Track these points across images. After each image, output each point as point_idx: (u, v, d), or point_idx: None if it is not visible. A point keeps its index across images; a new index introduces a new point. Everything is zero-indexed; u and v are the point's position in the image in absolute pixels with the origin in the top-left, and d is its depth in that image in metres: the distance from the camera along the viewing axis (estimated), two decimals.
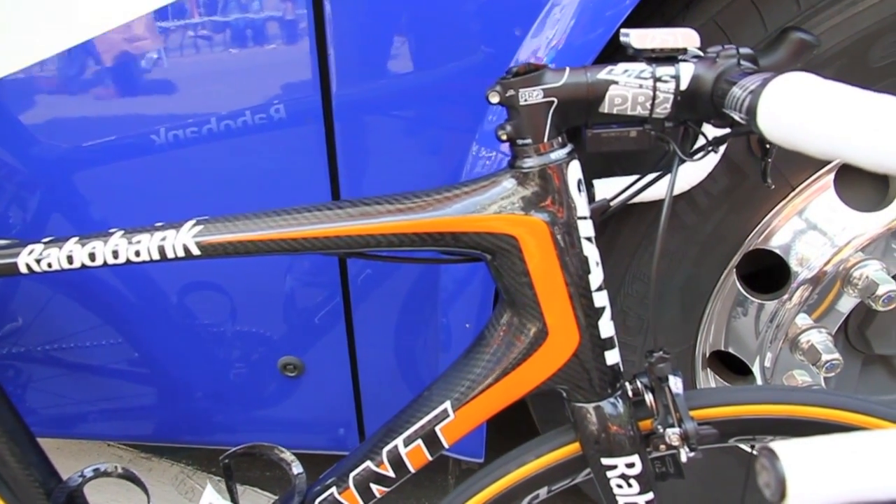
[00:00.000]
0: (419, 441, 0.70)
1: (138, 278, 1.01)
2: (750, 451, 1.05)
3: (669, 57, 0.57)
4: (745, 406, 0.70)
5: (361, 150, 0.90)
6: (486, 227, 0.61)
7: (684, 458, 0.66)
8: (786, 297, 1.00)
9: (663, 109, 0.58)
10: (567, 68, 0.58)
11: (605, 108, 0.58)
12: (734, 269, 1.02)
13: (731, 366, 1.14)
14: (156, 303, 1.02)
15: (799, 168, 0.94)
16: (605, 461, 0.68)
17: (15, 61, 0.87)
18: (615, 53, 0.66)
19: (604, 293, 0.64)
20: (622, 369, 0.67)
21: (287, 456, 0.81)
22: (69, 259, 0.67)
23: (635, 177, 0.72)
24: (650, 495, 0.69)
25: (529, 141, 0.59)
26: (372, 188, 0.92)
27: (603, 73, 0.57)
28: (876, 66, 0.86)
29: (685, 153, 0.61)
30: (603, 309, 0.64)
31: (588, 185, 0.85)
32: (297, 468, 0.80)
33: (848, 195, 0.97)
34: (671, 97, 0.57)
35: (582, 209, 0.61)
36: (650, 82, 0.57)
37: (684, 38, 0.57)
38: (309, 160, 0.91)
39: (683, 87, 0.57)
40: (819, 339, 1.01)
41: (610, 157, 0.89)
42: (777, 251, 0.99)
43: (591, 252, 0.62)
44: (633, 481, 0.68)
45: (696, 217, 0.95)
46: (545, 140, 0.59)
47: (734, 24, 0.85)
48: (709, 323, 1.06)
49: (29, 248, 0.68)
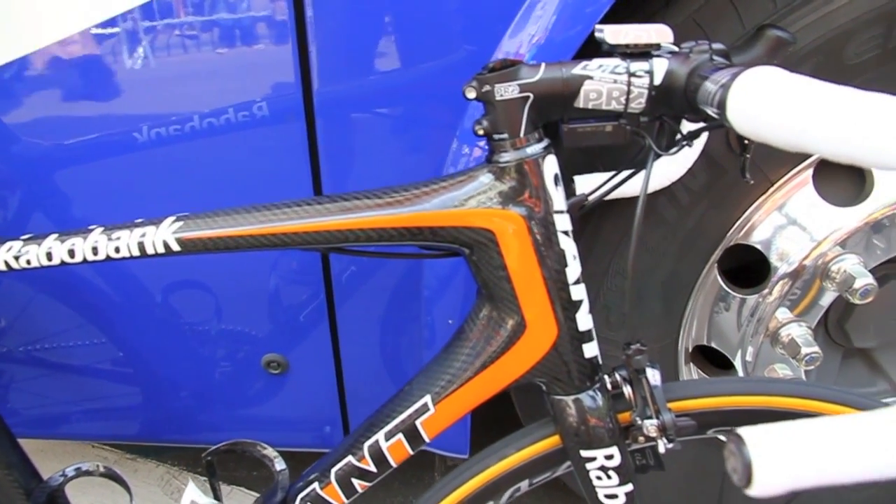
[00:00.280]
0: (400, 435, 0.70)
1: (121, 277, 1.01)
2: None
3: (644, 52, 0.58)
4: (722, 397, 0.71)
5: (343, 147, 0.90)
6: (463, 222, 0.61)
7: (662, 450, 0.67)
8: (766, 291, 1.02)
9: (638, 104, 0.59)
10: (543, 64, 0.58)
11: (581, 103, 0.59)
12: (715, 265, 1.03)
13: (713, 360, 1.15)
14: (138, 301, 1.02)
15: (777, 164, 0.95)
16: (585, 453, 0.68)
17: None
18: (596, 51, 0.67)
19: (581, 286, 0.65)
20: (600, 362, 0.68)
21: (270, 452, 0.81)
22: (48, 256, 0.67)
23: (614, 172, 0.73)
24: (630, 487, 0.70)
25: (506, 136, 0.59)
26: (354, 185, 0.92)
27: (578, 69, 0.58)
28: (851, 63, 0.87)
29: (661, 148, 0.62)
30: (581, 302, 0.65)
31: (569, 181, 0.87)
32: (279, 464, 0.80)
33: (826, 190, 0.98)
34: (646, 92, 0.58)
35: (558, 203, 0.62)
36: (625, 77, 0.57)
37: (657, 33, 0.58)
38: (291, 158, 0.91)
39: (657, 82, 0.57)
40: (799, 332, 1.02)
41: (590, 153, 0.90)
42: (757, 246, 1.00)
43: (568, 246, 0.63)
44: (612, 473, 0.69)
45: (677, 212, 0.96)
46: (521, 135, 0.59)
47: (712, 21, 0.86)
48: (691, 318, 1.07)
49: (7, 245, 0.68)
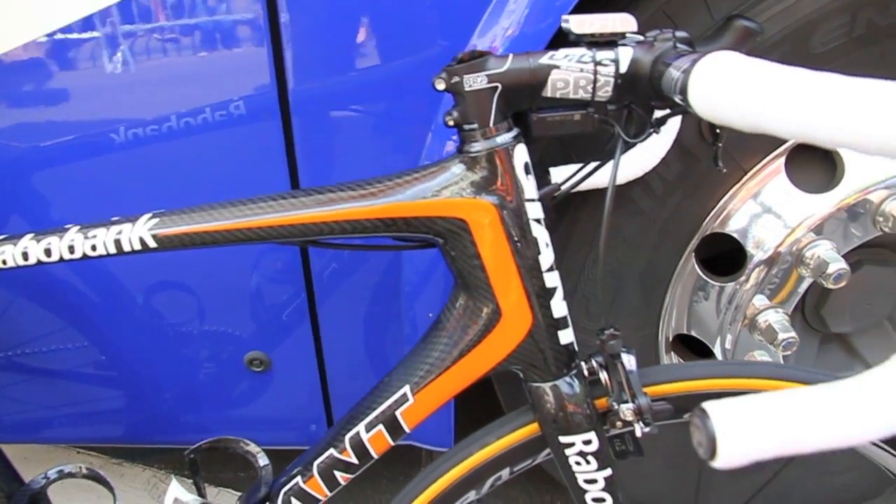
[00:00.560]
0: (380, 426, 0.71)
1: (101, 278, 1.01)
2: None
3: (609, 42, 0.59)
4: (697, 381, 0.72)
5: (319, 145, 0.91)
6: (436, 212, 0.62)
7: (639, 433, 0.68)
8: (742, 279, 1.03)
9: (605, 93, 0.60)
10: (510, 55, 0.59)
11: (549, 92, 0.60)
12: (693, 254, 1.04)
13: (694, 349, 1.16)
14: (119, 303, 1.02)
15: (750, 152, 0.97)
16: (563, 439, 0.69)
17: None
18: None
19: (555, 274, 0.65)
20: (576, 349, 0.69)
21: (253, 448, 0.81)
22: (24, 255, 0.67)
23: (593, 166, 0.74)
24: (608, 471, 0.71)
25: (476, 126, 0.60)
26: (331, 181, 0.92)
27: (545, 59, 0.59)
28: (817, 53, 0.89)
29: (630, 136, 0.63)
30: (555, 289, 0.66)
31: (544, 172, 0.88)
32: (262, 460, 0.80)
33: (798, 178, 1.00)
34: (612, 80, 0.59)
35: (530, 192, 0.63)
36: (591, 66, 0.58)
37: (622, 22, 0.59)
38: (268, 157, 0.91)
39: (623, 70, 0.58)
40: (776, 318, 1.04)
41: (566, 144, 0.91)
42: (733, 234, 1.02)
43: (540, 233, 0.64)
44: (591, 458, 0.70)
45: (653, 202, 0.97)
46: (491, 125, 0.60)
47: (681, 13, 0.88)
48: (670, 307, 1.09)
49: None
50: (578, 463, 0.70)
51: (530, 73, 0.59)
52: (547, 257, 0.65)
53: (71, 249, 0.67)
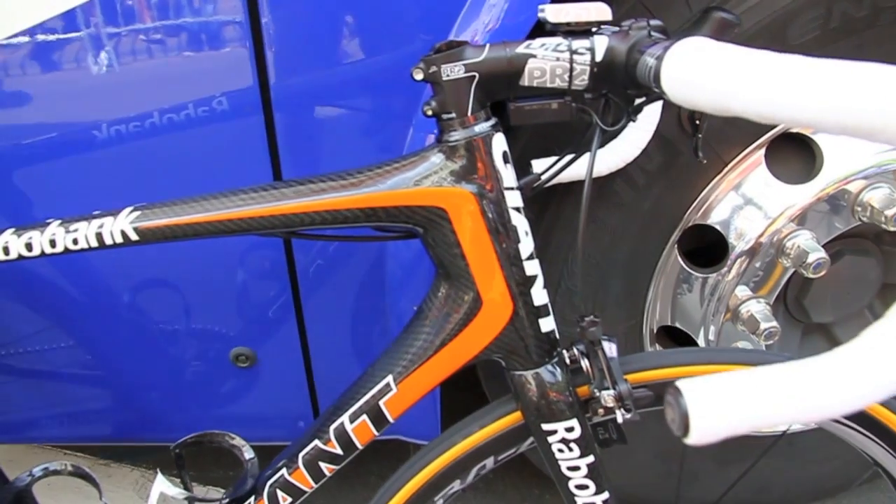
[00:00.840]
0: (364, 416, 0.71)
1: (85, 277, 1.01)
2: None
3: (585, 31, 0.60)
4: (677, 368, 0.72)
5: (302, 140, 0.91)
6: (415, 201, 0.63)
7: (620, 420, 0.68)
8: (725, 269, 1.04)
9: (581, 81, 0.60)
10: (487, 44, 0.60)
11: (526, 81, 0.60)
12: (675, 245, 1.05)
13: (679, 340, 1.17)
14: (103, 301, 1.02)
15: (730, 144, 0.98)
16: (546, 427, 0.70)
17: None
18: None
19: (535, 262, 0.66)
20: (558, 337, 0.70)
21: (238, 442, 0.81)
22: (5, 250, 0.67)
23: (572, 155, 0.74)
24: (591, 458, 0.71)
25: (454, 115, 0.61)
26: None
27: (521, 48, 0.59)
28: (794, 44, 0.90)
29: (608, 124, 0.64)
30: (535, 277, 0.66)
31: (527, 165, 0.88)
32: (248, 453, 0.81)
33: (778, 169, 1.01)
34: (588, 69, 0.59)
35: (509, 180, 0.63)
36: (567, 55, 0.59)
37: (597, 11, 0.59)
38: (251, 152, 0.91)
39: (599, 58, 0.59)
40: (758, 308, 1.05)
41: (547, 137, 0.91)
42: (715, 225, 1.03)
43: (520, 222, 0.64)
44: (573, 445, 0.70)
45: (635, 194, 0.98)
46: (469, 114, 0.61)
47: (660, 5, 0.89)
48: (654, 299, 1.10)
49: None
50: (561, 450, 0.71)
51: (507, 62, 0.59)
52: (527, 245, 0.65)
53: (52, 243, 0.67)
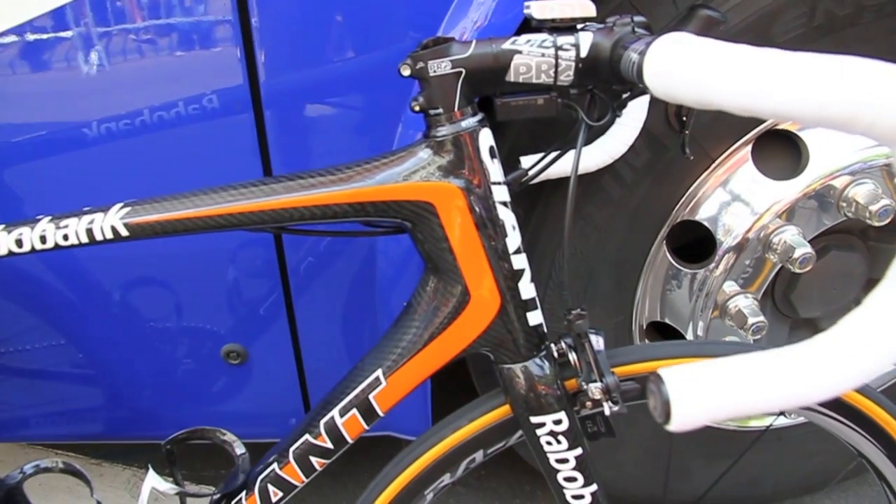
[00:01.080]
0: (354, 410, 0.72)
1: (76, 275, 1.01)
2: None
3: (570, 27, 0.61)
4: (664, 361, 0.73)
5: (292, 138, 0.91)
6: (403, 195, 0.63)
7: (608, 412, 0.69)
8: (713, 265, 1.05)
9: (567, 77, 0.61)
10: (474, 41, 0.61)
11: (512, 76, 0.61)
12: (664, 241, 1.06)
13: (668, 336, 1.18)
14: (94, 299, 1.02)
15: (717, 140, 0.99)
16: (534, 419, 0.70)
17: None
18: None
19: (522, 256, 0.67)
20: (546, 330, 0.70)
21: (229, 437, 0.82)
22: None
23: (554, 147, 0.75)
24: (579, 450, 0.72)
25: (441, 110, 0.62)
26: None
27: (507, 44, 0.60)
28: (778, 42, 0.91)
29: (593, 120, 0.65)
30: (522, 271, 0.67)
31: (515, 161, 0.89)
32: (239, 448, 0.81)
33: (765, 165, 1.02)
34: (573, 64, 0.60)
35: (496, 175, 0.64)
36: (552, 51, 0.60)
37: (581, 8, 0.60)
38: (241, 150, 0.92)
39: (584, 54, 0.60)
40: (745, 303, 1.06)
41: (536, 134, 0.92)
42: (702, 221, 1.04)
43: (507, 216, 0.65)
44: (561, 438, 0.71)
45: (623, 190, 0.99)
46: (456, 109, 0.61)
47: (646, 3, 0.89)
48: (643, 295, 1.11)
49: None
50: (549, 443, 0.72)
51: (493, 58, 0.60)
52: (514, 239, 0.66)
53: (42, 240, 0.67)
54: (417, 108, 0.62)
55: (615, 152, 0.90)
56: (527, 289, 0.68)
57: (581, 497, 0.73)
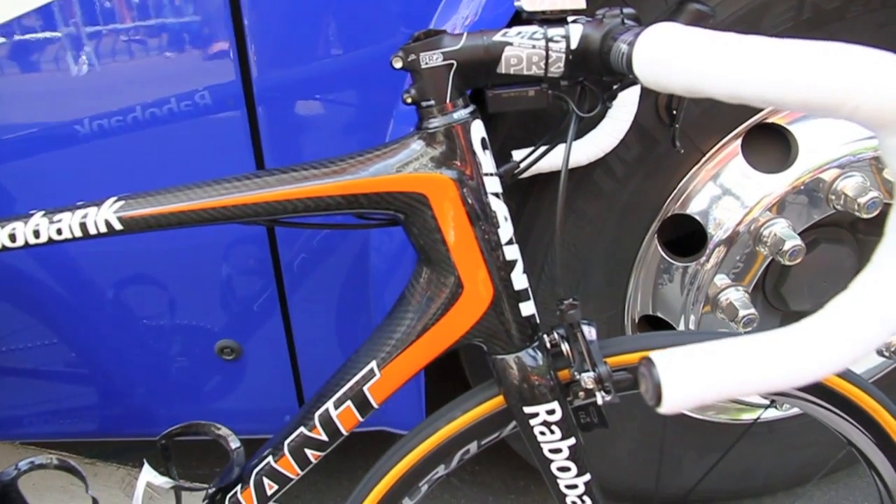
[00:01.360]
0: (349, 402, 0.72)
1: (70, 272, 1.01)
2: None
3: (560, 19, 0.61)
4: (655, 350, 0.74)
5: (284, 133, 0.92)
6: (396, 187, 0.64)
7: (601, 402, 0.70)
8: (703, 258, 1.06)
9: (557, 68, 0.62)
10: (465, 33, 0.61)
11: (503, 68, 0.62)
12: (655, 235, 1.07)
13: (660, 330, 1.19)
14: (88, 296, 1.02)
15: (707, 134, 1.00)
16: (527, 410, 0.71)
17: None
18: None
19: (515, 247, 0.67)
20: (538, 321, 0.71)
21: (224, 431, 0.82)
22: None
23: (546, 140, 0.76)
24: (572, 440, 0.73)
25: (433, 102, 0.62)
26: None
27: (498, 36, 0.61)
28: (768, 35, 0.92)
29: (584, 111, 0.65)
30: (515, 262, 0.67)
31: (507, 155, 0.90)
32: (234, 442, 0.81)
33: (755, 159, 1.03)
34: (563, 56, 0.61)
35: (488, 166, 0.65)
36: (542, 43, 0.60)
37: (571, 0, 0.61)
38: (234, 146, 0.92)
39: (574, 46, 0.61)
40: (736, 296, 1.07)
41: (528, 127, 0.93)
42: (693, 215, 1.05)
43: (499, 207, 0.66)
44: (554, 427, 0.72)
45: (614, 184, 0.99)
46: (447, 101, 0.62)
47: None
48: (635, 288, 1.11)
49: None
50: (543, 433, 0.72)
51: (484, 50, 0.61)
52: (506, 230, 0.66)
53: (36, 234, 0.67)
54: (409, 100, 0.63)
55: (606, 146, 0.91)
56: (519, 279, 0.68)
57: (574, 486, 0.74)
